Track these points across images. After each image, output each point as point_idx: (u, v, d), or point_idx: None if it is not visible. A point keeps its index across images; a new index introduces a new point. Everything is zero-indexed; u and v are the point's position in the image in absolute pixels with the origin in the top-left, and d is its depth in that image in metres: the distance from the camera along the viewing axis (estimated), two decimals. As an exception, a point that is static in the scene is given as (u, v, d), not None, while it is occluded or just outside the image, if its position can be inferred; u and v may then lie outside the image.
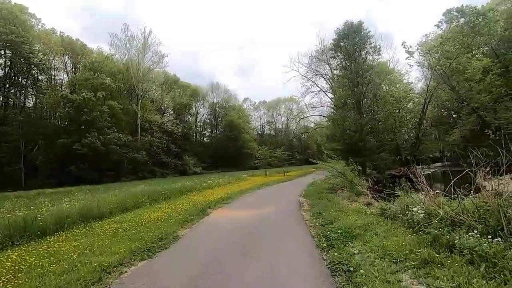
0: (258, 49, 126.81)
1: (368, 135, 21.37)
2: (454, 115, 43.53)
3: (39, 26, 41.87)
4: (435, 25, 25.40)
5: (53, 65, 44.50)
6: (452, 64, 24.25)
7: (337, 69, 23.86)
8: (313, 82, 38.05)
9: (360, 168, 12.66)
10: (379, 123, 22.35)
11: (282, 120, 79.41)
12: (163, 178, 42.04)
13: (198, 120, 64.55)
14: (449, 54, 23.35)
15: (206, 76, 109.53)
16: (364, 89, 21.48)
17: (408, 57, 25.46)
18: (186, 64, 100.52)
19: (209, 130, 66.69)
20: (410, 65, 26.34)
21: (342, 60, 23.63)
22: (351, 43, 22.05)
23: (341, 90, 23.00)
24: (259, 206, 11.05)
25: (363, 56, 22.60)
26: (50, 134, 35.32)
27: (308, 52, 45.25)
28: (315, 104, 39.98)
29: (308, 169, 45.92)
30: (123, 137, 38.18)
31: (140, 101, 45.45)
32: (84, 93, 35.29)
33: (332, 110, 37.39)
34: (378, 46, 22.75)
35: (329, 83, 37.12)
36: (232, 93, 68.86)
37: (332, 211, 8.69)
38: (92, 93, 35.99)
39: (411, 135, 25.60)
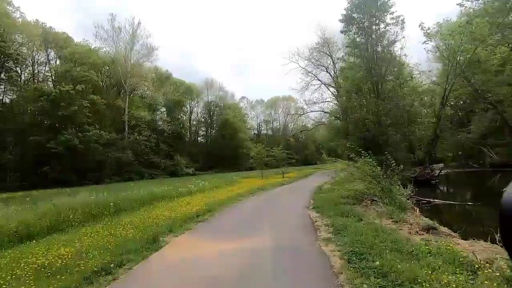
0: (256, 49, 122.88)
1: (390, 127, 17.06)
2: (459, 113, 39.53)
3: (17, 15, 37.27)
4: (457, 4, 21.30)
5: (36, 59, 40.10)
6: (478, 48, 20.29)
7: (349, 46, 19.36)
8: (314, 75, 33.94)
9: (400, 169, 8.53)
10: (405, 112, 17.87)
11: (280, 119, 75.25)
12: (151, 179, 37.75)
13: (192, 119, 60.08)
14: (476, 35, 19.31)
15: (203, 77, 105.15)
16: (384, 69, 17.17)
17: (425, 41, 21.33)
18: (183, 64, 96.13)
19: (204, 129, 62.16)
20: (427, 51, 22.15)
21: (355, 36, 19.24)
22: (367, 13, 17.64)
23: (353, 72, 18.58)
24: (249, 230, 6.77)
25: (382, 29, 18.28)
26: (22, 131, 30.70)
27: (309, 44, 41.18)
28: (316, 100, 35.84)
29: (307, 170, 41.79)
30: (105, 134, 33.68)
31: (127, 96, 41.01)
32: (60, 86, 30.87)
33: (335, 105, 33.29)
34: (401, 17, 18.30)
35: (332, 76, 33.03)
36: (228, 91, 64.60)
37: (384, 247, 4.44)
38: (71, 86, 31.56)
39: (428, 131, 21.32)
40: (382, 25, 18.01)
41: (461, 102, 36.37)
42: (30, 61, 39.16)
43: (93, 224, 7.40)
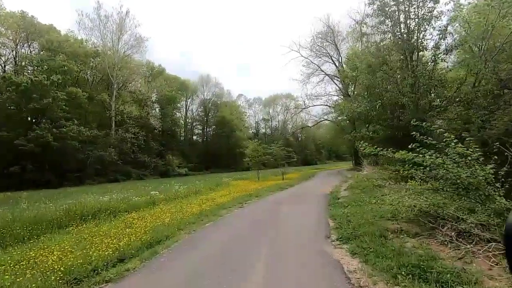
0: (256, 48, 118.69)
1: (430, 112, 12.49)
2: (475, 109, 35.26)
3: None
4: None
5: (22, 52, 35.93)
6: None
7: (372, 4, 14.48)
8: (317, 65, 29.74)
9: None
10: (454, 91, 13.12)
11: (279, 117, 70.82)
12: (140, 180, 33.60)
13: (187, 116, 55.74)
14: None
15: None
16: (422, 33, 12.62)
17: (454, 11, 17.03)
18: (182, 64, 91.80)
19: (200, 127, 57.77)
20: (453, 29, 17.91)
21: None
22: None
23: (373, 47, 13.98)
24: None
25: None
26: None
27: (311, 32, 36.85)
28: (318, 94, 31.66)
29: (309, 170, 37.58)
30: (85, 131, 29.38)
31: (114, 90, 36.70)
32: (32, 75, 26.63)
33: (340, 99, 29.12)
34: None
35: (337, 66, 28.85)
36: (225, 88, 60.13)
37: None
38: (44, 76, 27.32)
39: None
40: (419, -25, 13.08)
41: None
42: (13, 54, 35.24)
43: None
